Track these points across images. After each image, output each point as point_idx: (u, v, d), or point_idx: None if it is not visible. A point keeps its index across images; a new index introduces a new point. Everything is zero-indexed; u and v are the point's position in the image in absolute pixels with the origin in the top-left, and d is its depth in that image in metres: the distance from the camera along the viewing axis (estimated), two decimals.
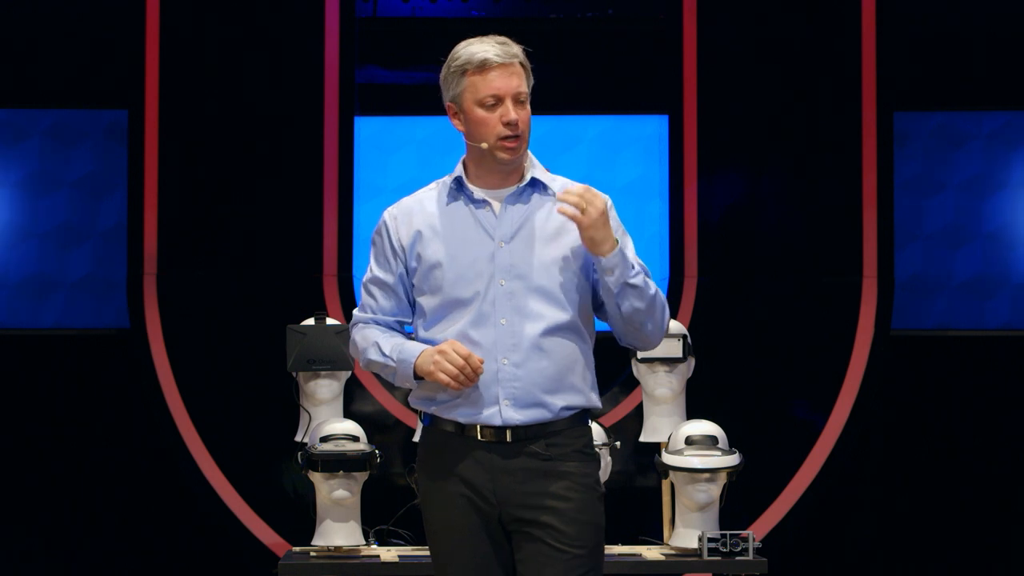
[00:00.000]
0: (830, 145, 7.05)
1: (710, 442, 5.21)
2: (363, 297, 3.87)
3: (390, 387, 6.95)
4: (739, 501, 5.45)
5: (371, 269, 3.86)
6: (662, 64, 7.13)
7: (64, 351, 7.23)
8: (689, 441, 5.21)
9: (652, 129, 7.25)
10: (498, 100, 3.69)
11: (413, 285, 3.79)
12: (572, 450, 3.70)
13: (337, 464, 5.14)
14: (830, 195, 7.05)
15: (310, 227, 7.02)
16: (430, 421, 3.78)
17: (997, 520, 7.24)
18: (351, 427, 5.24)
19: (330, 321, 5.42)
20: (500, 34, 3.78)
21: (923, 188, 7.31)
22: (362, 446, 5.19)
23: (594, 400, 3.76)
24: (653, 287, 3.68)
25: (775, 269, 7.06)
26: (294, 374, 5.43)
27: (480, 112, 3.69)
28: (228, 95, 7.06)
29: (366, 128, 7.28)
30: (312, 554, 5.22)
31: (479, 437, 3.69)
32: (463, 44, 3.74)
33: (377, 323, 3.83)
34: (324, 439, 5.18)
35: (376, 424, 6.81)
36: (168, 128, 7.00)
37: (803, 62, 7.08)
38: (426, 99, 7.39)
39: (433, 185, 3.84)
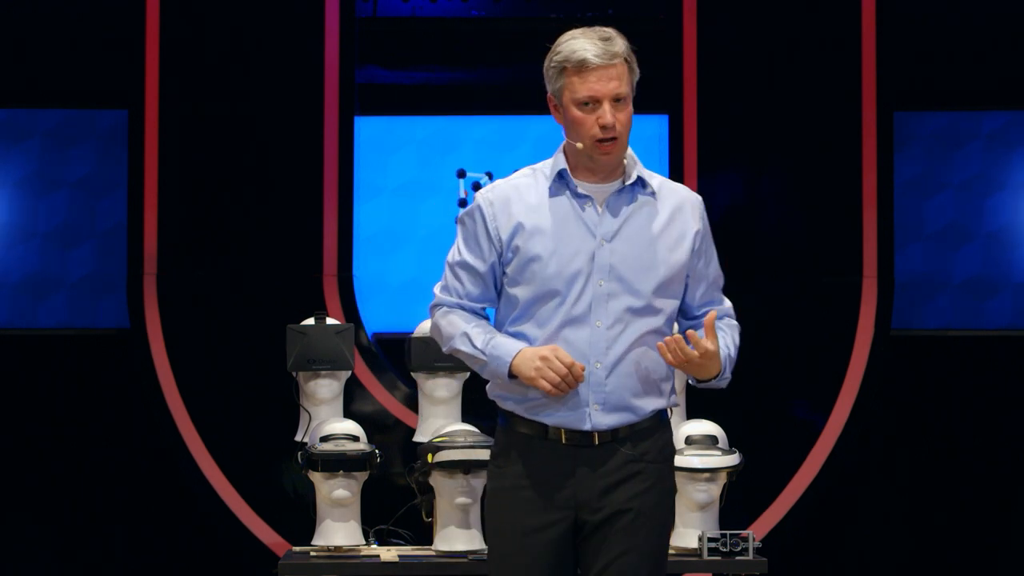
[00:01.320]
0: (830, 145, 7.05)
1: (710, 442, 5.21)
2: (448, 278, 3.77)
3: (390, 387, 6.95)
4: (739, 501, 5.45)
5: (459, 251, 3.74)
6: (662, 64, 7.13)
7: (64, 351, 7.23)
8: (689, 441, 5.21)
9: (652, 129, 7.25)
10: (595, 101, 3.65)
11: (505, 274, 3.71)
12: (656, 450, 3.69)
13: (337, 464, 5.13)
14: (830, 195, 7.05)
15: (310, 227, 7.02)
16: (507, 422, 3.72)
17: (997, 520, 7.24)
18: (351, 427, 5.24)
19: (330, 321, 5.42)
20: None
21: (923, 188, 7.30)
22: (362, 446, 5.18)
23: (675, 399, 3.78)
24: (735, 351, 3.80)
25: (775, 269, 7.06)
26: (294, 374, 5.43)
27: (577, 112, 3.65)
28: (228, 95, 7.05)
29: (366, 128, 7.28)
30: (312, 554, 5.21)
31: (563, 440, 3.65)
32: (566, 36, 3.72)
33: (463, 308, 3.75)
34: (324, 439, 5.18)
35: (376, 424, 6.81)
36: (168, 128, 7.00)
37: (803, 62, 7.08)
38: (426, 99, 7.42)
39: (528, 171, 3.76)
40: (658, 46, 7.17)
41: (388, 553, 5.23)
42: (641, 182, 3.73)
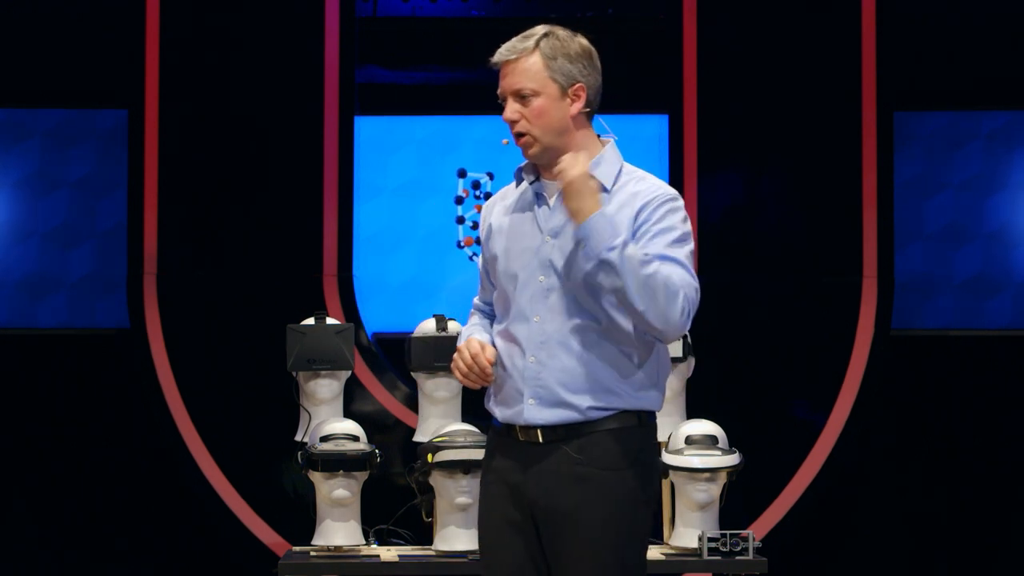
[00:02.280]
0: (830, 145, 7.05)
1: (710, 442, 5.20)
2: None
3: (390, 387, 6.95)
4: (739, 501, 5.45)
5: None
6: (662, 64, 7.13)
7: (64, 351, 7.23)
8: (689, 441, 5.20)
9: (652, 129, 7.25)
10: (504, 100, 3.70)
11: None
12: (611, 455, 3.60)
13: (337, 464, 5.13)
14: (830, 195, 7.05)
15: (310, 227, 7.02)
16: (493, 420, 3.75)
17: (997, 520, 7.24)
18: (351, 427, 5.24)
19: (330, 321, 5.41)
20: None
21: (923, 188, 7.31)
22: (362, 446, 5.18)
23: (643, 402, 3.65)
24: (660, 275, 3.50)
25: (775, 269, 7.06)
26: (294, 374, 5.43)
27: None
28: (228, 95, 7.06)
29: (366, 128, 7.28)
30: (312, 554, 5.21)
31: (519, 437, 3.66)
32: None
33: (478, 309, 3.89)
34: (324, 439, 5.18)
35: (376, 424, 6.81)
36: (168, 128, 7.00)
37: (803, 62, 7.08)
38: (426, 99, 7.42)
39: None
40: (658, 46, 7.17)
41: (388, 553, 5.23)
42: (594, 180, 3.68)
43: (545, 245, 3.66)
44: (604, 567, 3.58)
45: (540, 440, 3.63)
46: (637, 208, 3.63)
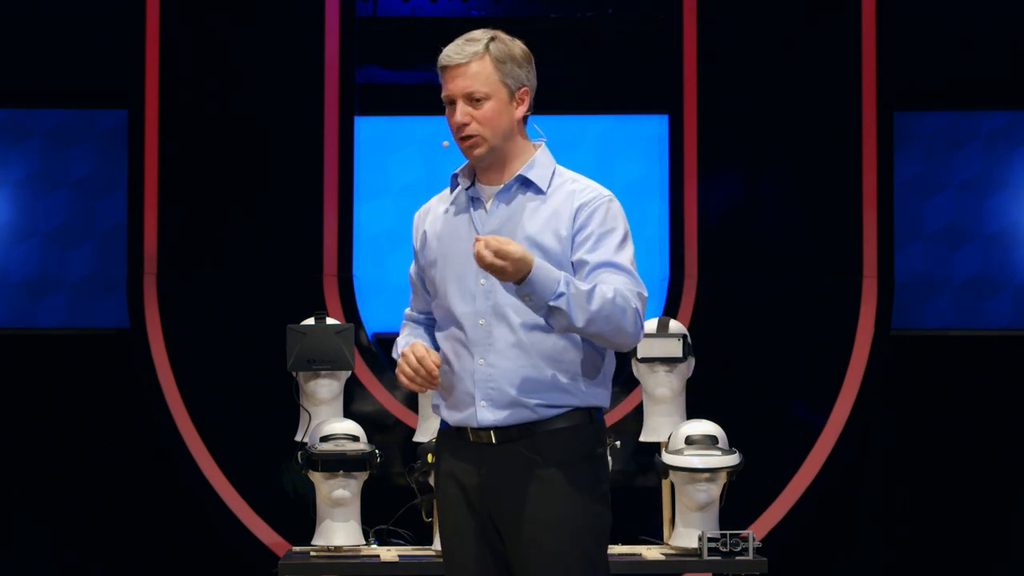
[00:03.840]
0: (830, 145, 7.05)
1: (710, 442, 5.21)
2: None
3: (390, 387, 6.96)
4: (739, 501, 5.45)
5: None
6: (662, 64, 7.13)
7: (64, 351, 7.23)
8: (689, 441, 5.21)
9: (652, 129, 7.25)
10: (451, 102, 3.69)
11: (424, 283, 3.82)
12: (564, 451, 3.62)
13: (337, 464, 5.14)
14: (830, 195, 7.05)
15: (310, 227, 7.02)
16: (442, 422, 3.76)
17: (997, 520, 7.24)
18: (351, 427, 5.24)
19: (330, 321, 5.42)
20: (502, 33, 3.77)
21: (923, 188, 7.30)
22: (362, 446, 5.18)
23: (592, 398, 3.67)
24: (604, 297, 3.51)
25: (775, 269, 7.06)
26: (294, 374, 5.43)
27: (447, 113, 3.72)
28: (228, 95, 7.06)
29: (366, 128, 7.28)
30: (312, 554, 5.21)
31: (471, 439, 3.67)
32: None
33: (411, 319, 3.89)
34: (324, 439, 5.18)
35: (376, 424, 6.81)
36: (168, 128, 7.00)
37: (803, 62, 7.08)
38: (426, 99, 7.40)
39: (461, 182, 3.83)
40: (658, 46, 7.17)
41: (388, 553, 5.23)
42: (526, 181, 3.71)
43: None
44: (565, 562, 3.60)
45: (493, 441, 3.64)
46: (575, 207, 3.66)
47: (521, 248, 3.48)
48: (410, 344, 3.64)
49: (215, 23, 7.08)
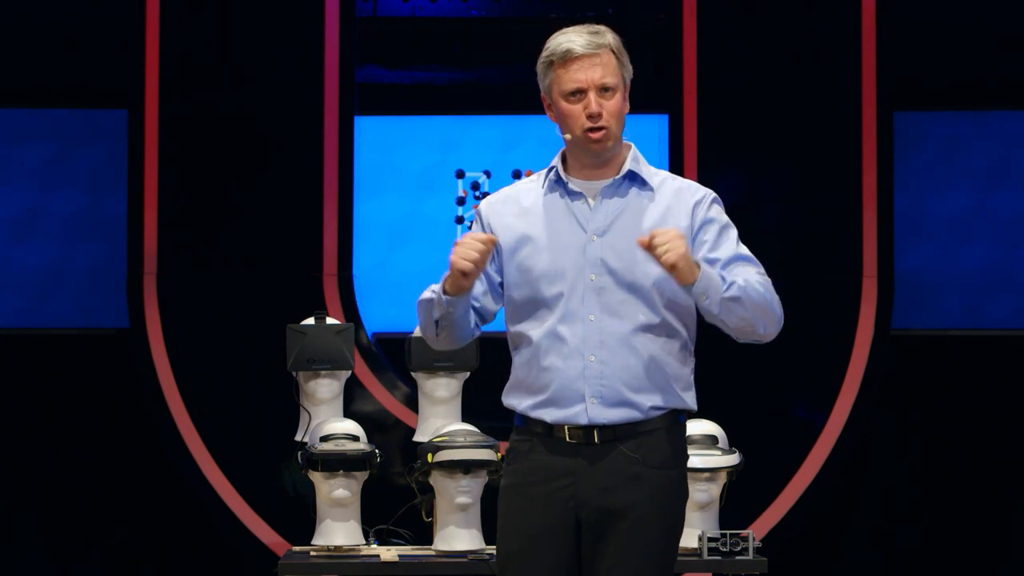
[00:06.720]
0: (830, 145, 7.05)
1: (710, 442, 5.20)
2: None
3: (390, 387, 6.95)
4: (739, 501, 5.45)
5: None
6: (662, 64, 7.12)
7: (64, 351, 7.23)
8: (689, 441, 5.20)
9: (652, 129, 7.25)
10: (581, 92, 3.65)
11: (503, 280, 3.74)
12: (663, 455, 3.64)
13: (337, 464, 5.13)
14: (830, 195, 7.05)
15: (310, 227, 7.02)
16: (521, 422, 3.72)
17: (997, 520, 7.24)
18: (351, 427, 5.24)
19: (330, 321, 5.42)
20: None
21: (923, 188, 7.30)
22: (362, 446, 5.18)
23: (687, 401, 3.70)
24: (758, 288, 3.63)
25: (775, 269, 7.04)
26: (294, 374, 5.43)
27: (565, 104, 3.66)
28: (228, 95, 7.06)
29: (366, 128, 7.28)
30: (312, 554, 5.21)
31: (567, 439, 3.64)
32: (555, 34, 3.73)
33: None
34: (324, 439, 5.18)
35: (376, 424, 6.81)
36: (168, 128, 7.00)
37: (803, 62, 7.08)
38: (426, 99, 7.42)
39: (535, 176, 3.78)
40: (658, 46, 7.17)
41: (388, 553, 5.23)
42: (634, 176, 3.72)
43: (592, 244, 3.65)
44: (649, 564, 3.62)
45: (596, 440, 3.63)
46: (691, 204, 3.72)
47: (686, 247, 3.52)
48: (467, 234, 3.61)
49: (215, 23, 7.08)
